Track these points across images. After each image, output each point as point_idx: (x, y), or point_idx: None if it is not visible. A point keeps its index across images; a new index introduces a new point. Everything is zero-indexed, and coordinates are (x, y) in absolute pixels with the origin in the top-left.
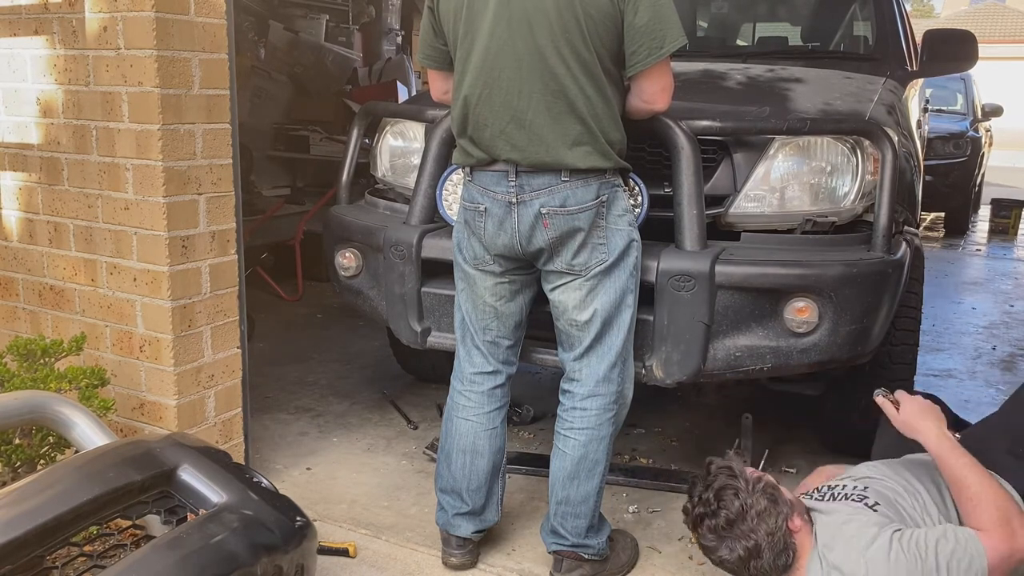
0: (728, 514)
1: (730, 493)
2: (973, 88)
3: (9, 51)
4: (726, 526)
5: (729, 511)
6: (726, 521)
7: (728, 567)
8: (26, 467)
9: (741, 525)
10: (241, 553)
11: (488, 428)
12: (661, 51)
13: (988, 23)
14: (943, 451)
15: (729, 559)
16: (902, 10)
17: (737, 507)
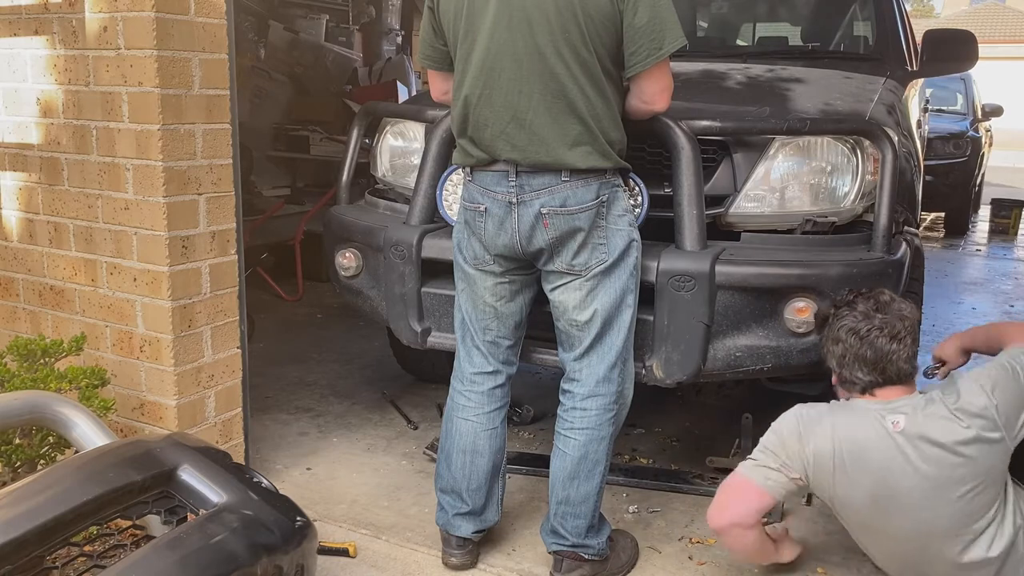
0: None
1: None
2: (973, 88)
3: (9, 51)
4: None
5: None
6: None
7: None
8: (26, 467)
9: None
10: (241, 553)
11: (488, 428)
12: (660, 52)
13: (988, 23)
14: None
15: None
16: (902, 10)
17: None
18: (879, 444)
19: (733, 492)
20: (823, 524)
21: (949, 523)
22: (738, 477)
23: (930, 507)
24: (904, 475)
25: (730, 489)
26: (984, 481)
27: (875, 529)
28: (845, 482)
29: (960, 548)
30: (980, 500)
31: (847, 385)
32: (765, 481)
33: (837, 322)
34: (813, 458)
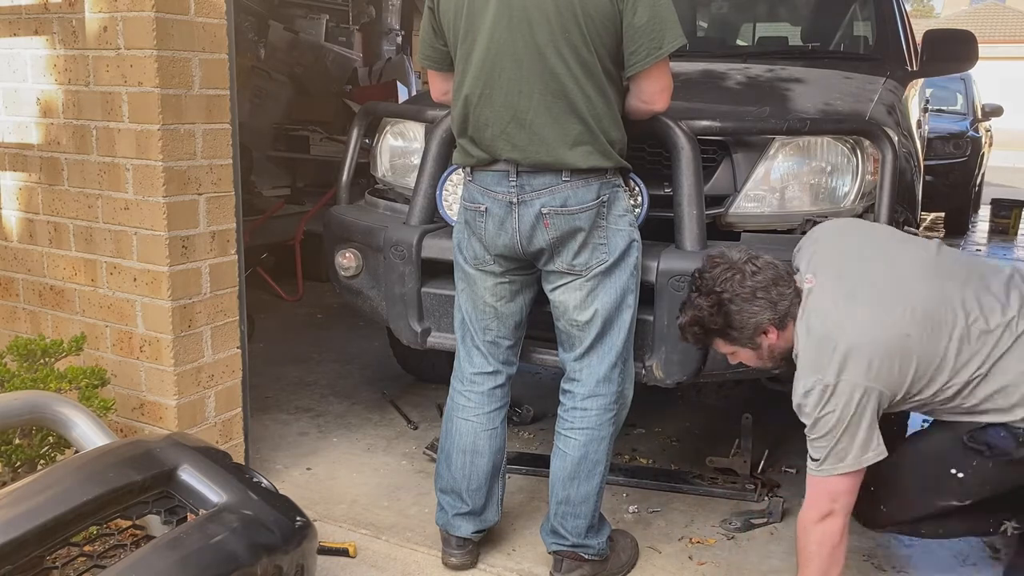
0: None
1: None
2: (973, 88)
3: (9, 51)
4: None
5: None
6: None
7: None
8: (26, 467)
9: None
10: (241, 553)
11: (488, 428)
12: (660, 51)
13: (988, 23)
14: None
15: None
16: (902, 10)
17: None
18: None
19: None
20: None
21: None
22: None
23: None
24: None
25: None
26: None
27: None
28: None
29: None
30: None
31: (784, 318)
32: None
33: (730, 291)
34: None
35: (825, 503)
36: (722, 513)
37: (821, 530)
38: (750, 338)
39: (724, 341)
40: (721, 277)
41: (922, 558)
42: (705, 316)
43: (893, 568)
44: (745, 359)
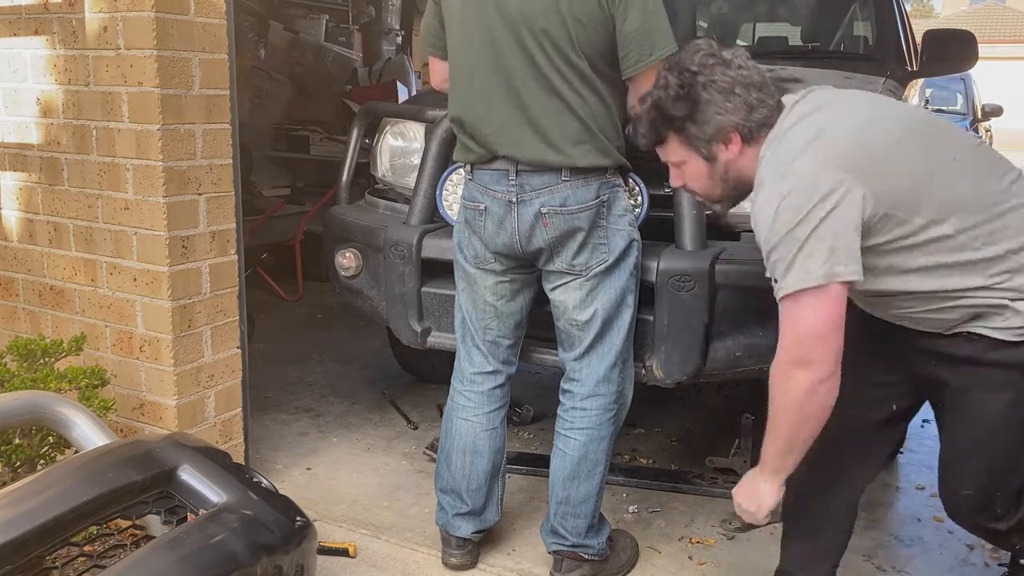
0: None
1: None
2: (973, 88)
3: (9, 51)
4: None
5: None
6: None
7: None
8: (26, 467)
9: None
10: (241, 553)
11: (488, 428)
12: (651, 57)
13: (988, 23)
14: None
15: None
16: (902, 10)
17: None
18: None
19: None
20: None
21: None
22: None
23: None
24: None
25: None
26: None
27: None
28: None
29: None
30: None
31: (755, 130)
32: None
33: (707, 75)
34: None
35: (791, 342)
36: (722, 513)
37: (784, 381)
38: (708, 142)
39: (679, 140)
40: (703, 61)
41: (922, 558)
42: (670, 98)
43: (893, 568)
44: (693, 176)
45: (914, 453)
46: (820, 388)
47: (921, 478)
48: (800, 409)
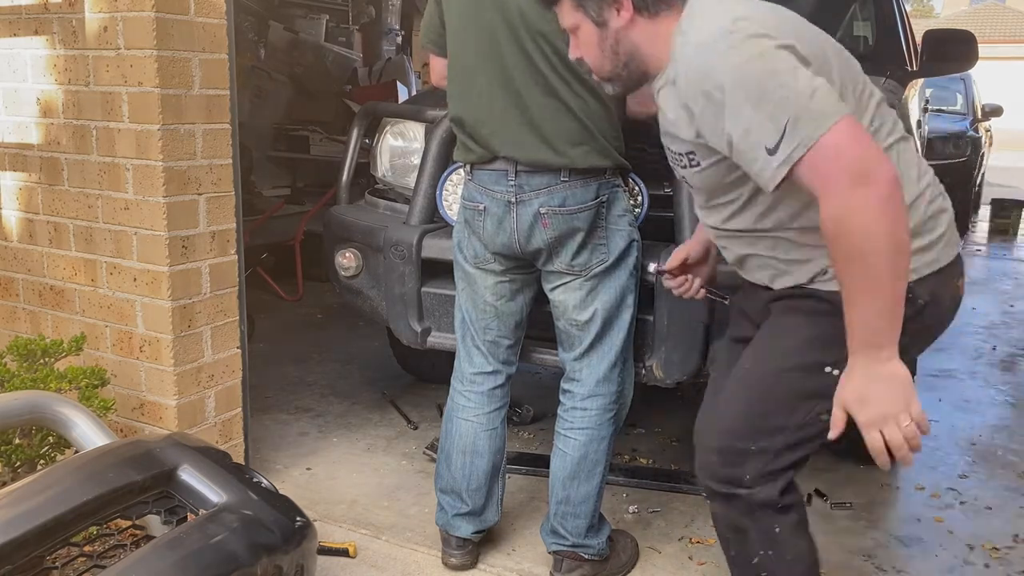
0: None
1: None
2: (973, 88)
3: (9, 51)
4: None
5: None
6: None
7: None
8: (26, 467)
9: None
10: (241, 553)
11: (488, 428)
12: None
13: (988, 23)
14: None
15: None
16: (902, 10)
17: None
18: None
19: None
20: (823, 524)
21: None
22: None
23: None
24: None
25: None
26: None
27: None
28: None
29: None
30: None
31: (651, 3)
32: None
33: None
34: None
35: (836, 173)
36: None
37: (854, 217)
38: (599, 3)
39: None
40: None
41: (922, 558)
42: None
43: (893, 568)
44: (585, 43)
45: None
46: (896, 194)
47: (921, 478)
48: (891, 234)
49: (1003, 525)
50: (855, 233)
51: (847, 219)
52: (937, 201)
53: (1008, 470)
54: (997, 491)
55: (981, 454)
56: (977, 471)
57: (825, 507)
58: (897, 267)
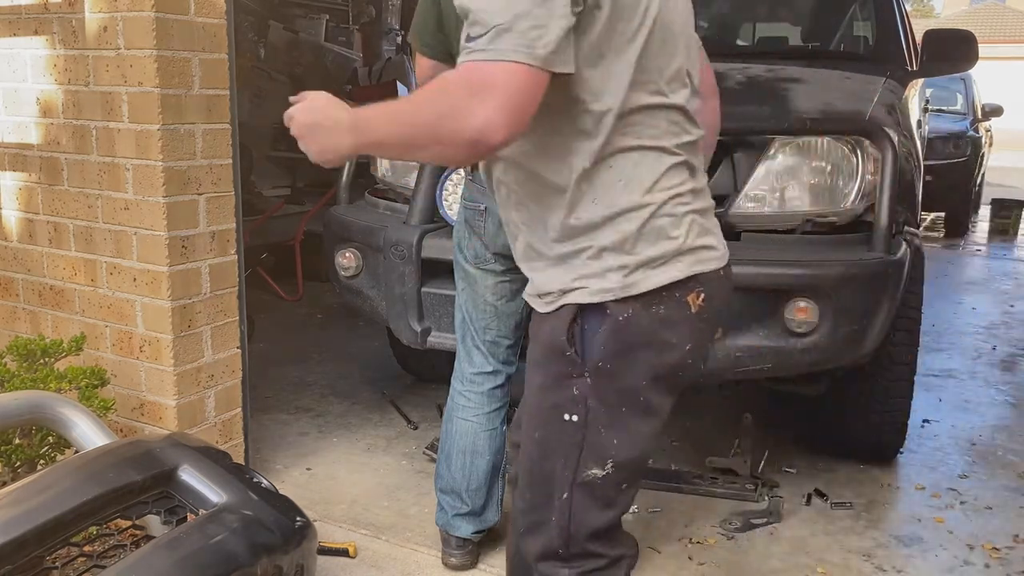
0: None
1: None
2: (973, 88)
3: (9, 51)
4: None
5: None
6: None
7: None
8: (26, 467)
9: None
10: (241, 553)
11: (488, 428)
12: None
13: (988, 23)
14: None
15: None
16: (902, 10)
17: None
18: None
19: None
20: (823, 524)
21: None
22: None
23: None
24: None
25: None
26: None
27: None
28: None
29: None
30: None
31: None
32: (533, 52)
33: None
34: None
35: (466, 87)
36: (722, 513)
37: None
38: None
39: None
40: None
41: (922, 558)
42: None
43: (893, 568)
44: None
45: (914, 453)
46: (476, 148)
47: (921, 478)
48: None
49: (1003, 525)
50: (435, 123)
51: (446, 114)
52: (664, 224)
53: (1008, 470)
54: (997, 491)
55: (981, 454)
56: (977, 471)
57: (825, 507)
58: (412, 142)
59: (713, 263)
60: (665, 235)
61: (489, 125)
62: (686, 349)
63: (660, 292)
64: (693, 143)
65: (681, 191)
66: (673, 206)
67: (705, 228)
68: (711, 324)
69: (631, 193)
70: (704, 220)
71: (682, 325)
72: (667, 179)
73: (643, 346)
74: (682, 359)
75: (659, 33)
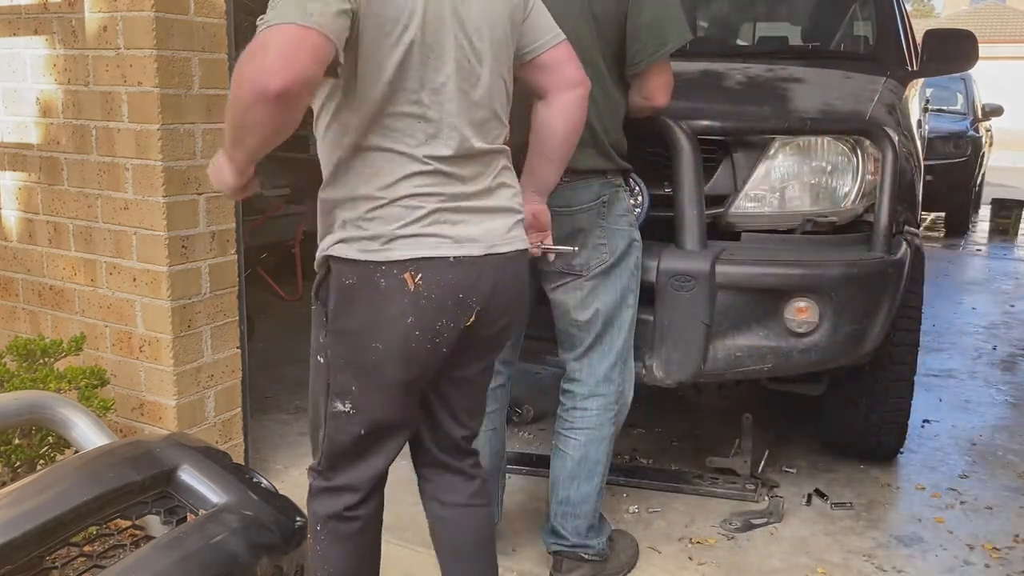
0: None
1: None
2: (973, 88)
3: (9, 51)
4: None
5: None
6: None
7: None
8: (26, 467)
9: None
10: (241, 553)
11: (488, 429)
12: (665, 48)
13: (988, 23)
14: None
15: None
16: (902, 10)
17: None
18: None
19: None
20: (823, 524)
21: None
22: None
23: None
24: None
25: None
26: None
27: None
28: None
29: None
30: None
31: None
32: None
33: None
34: None
35: (250, 59)
36: (722, 513)
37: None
38: None
39: None
40: None
41: (922, 558)
42: None
43: (893, 568)
44: None
45: (914, 453)
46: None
47: (921, 478)
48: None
49: (1003, 525)
50: (237, 95)
51: (240, 82)
52: (393, 213)
53: (1008, 470)
54: (997, 491)
55: (981, 454)
56: (977, 471)
57: (825, 507)
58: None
59: (443, 251)
60: (394, 221)
61: (265, 71)
62: (407, 321)
63: (380, 266)
64: (454, 158)
65: (420, 192)
66: (408, 201)
67: (445, 221)
68: (437, 303)
69: (368, 186)
70: (451, 216)
71: (399, 298)
72: (408, 182)
73: (366, 310)
74: (405, 330)
75: (419, 52)
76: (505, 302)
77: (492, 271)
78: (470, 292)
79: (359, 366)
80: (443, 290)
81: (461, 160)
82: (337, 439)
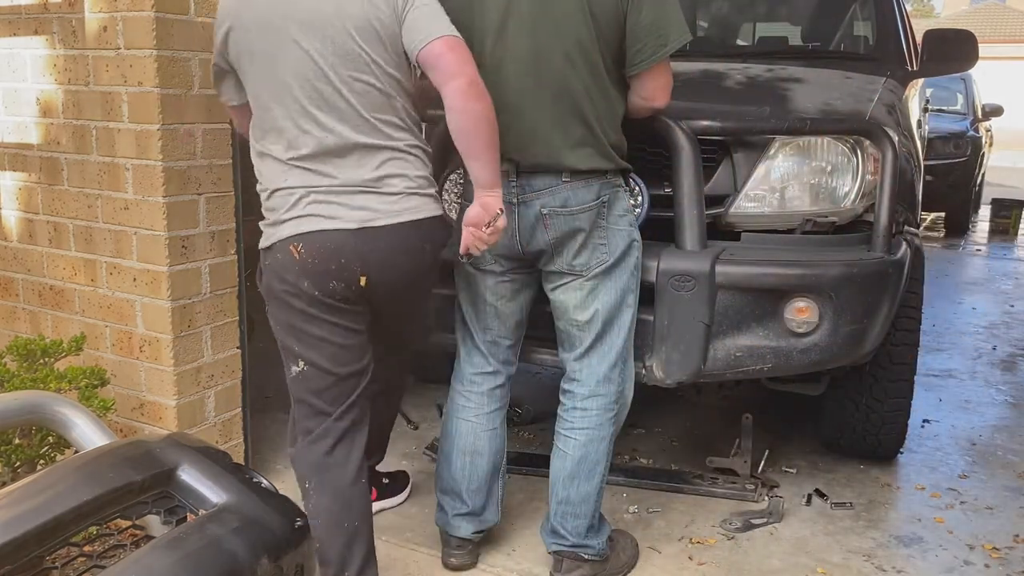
0: None
1: None
2: (973, 88)
3: (9, 51)
4: None
5: None
6: None
7: None
8: (26, 467)
9: None
10: (241, 553)
11: (488, 429)
12: (664, 49)
13: (988, 23)
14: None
15: None
16: (902, 10)
17: None
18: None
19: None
20: (823, 524)
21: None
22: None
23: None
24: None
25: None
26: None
27: None
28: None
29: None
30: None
31: None
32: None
33: None
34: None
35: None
36: (722, 513)
37: (472, 103)
38: None
39: None
40: None
41: (922, 558)
42: None
43: (893, 568)
44: None
45: (914, 453)
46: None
47: (921, 478)
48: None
49: (1003, 525)
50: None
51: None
52: (281, 202)
53: (1008, 470)
54: (997, 491)
55: (981, 454)
56: (977, 471)
57: (825, 507)
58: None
59: (317, 225)
60: (282, 207)
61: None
62: (303, 285)
63: (277, 244)
64: (314, 155)
65: (294, 185)
66: (288, 190)
67: (321, 202)
68: (320, 266)
69: (266, 180)
70: (325, 197)
71: (292, 266)
72: (286, 175)
73: (277, 281)
74: (305, 289)
75: (257, 90)
76: (391, 265)
77: (368, 240)
78: (352, 257)
79: (289, 324)
80: (323, 256)
81: (323, 157)
82: (301, 398)
